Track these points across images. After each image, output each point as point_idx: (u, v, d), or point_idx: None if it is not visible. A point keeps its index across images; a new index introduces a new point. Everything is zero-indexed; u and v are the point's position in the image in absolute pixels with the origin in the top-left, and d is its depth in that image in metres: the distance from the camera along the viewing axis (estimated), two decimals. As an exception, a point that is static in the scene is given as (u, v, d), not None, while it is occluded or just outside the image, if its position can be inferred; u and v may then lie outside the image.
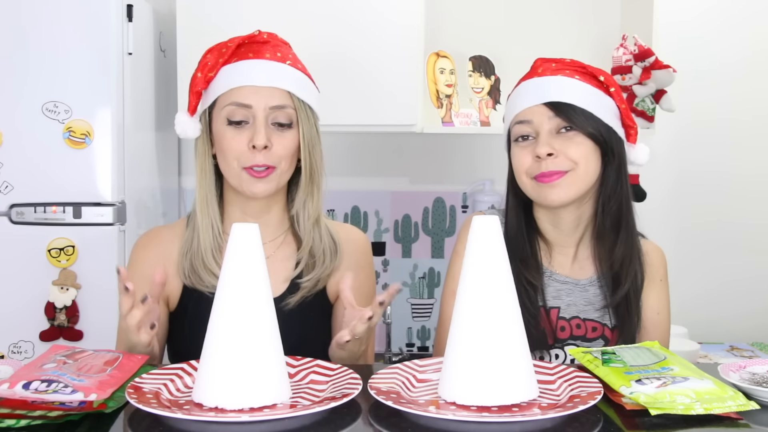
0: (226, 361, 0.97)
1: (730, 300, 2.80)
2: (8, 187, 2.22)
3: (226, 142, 1.30)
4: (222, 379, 0.96)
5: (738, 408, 0.96)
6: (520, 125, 1.38)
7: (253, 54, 1.33)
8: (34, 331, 2.22)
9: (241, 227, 1.00)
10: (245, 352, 0.97)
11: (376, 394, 0.97)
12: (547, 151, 1.33)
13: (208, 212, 1.36)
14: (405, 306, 2.85)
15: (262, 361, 0.98)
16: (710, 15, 2.77)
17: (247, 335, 0.97)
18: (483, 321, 0.98)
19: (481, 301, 0.98)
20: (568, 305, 1.42)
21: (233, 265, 0.99)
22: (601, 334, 1.42)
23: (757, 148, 2.80)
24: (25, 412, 0.93)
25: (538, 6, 2.75)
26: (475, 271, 0.99)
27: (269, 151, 1.29)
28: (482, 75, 2.64)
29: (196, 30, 2.38)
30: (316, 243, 1.38)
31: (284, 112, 1.31)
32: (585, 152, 1.34)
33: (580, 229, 1.43)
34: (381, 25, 2.39)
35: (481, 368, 0.97)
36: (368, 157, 2.84)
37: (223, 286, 0.99)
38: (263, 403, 0.96)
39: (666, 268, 1.50)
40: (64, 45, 2.21)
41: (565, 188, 1.34)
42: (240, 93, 1.30)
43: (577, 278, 1.44)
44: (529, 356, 1.01)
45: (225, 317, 0.98)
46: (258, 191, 1.31)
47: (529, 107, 1.37)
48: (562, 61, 1.40)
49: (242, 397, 0.96)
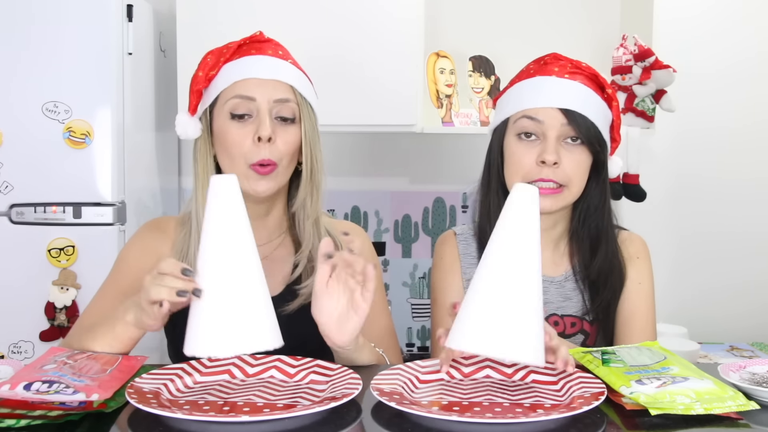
0: (215, 309, 0.97)
1: (730, 300, 2.80)
2: (8, 187, 2.22)
3: (230, 137, 1.29)
4: (213, 328, 0.96)
5: (738, 408, 0.96)
6: (528, 120, 1.34)
7: (255, 51, 1.33)
8: (34, 331, 2.23)
9: (220, 178, 1.01)
10: (233, 298, 0.97)
11: (379, 395, 0.97)
12: (554, 160, 1.31)
13: None
14: (405, 306, 2.85)
15: (251, 307, 0.98)
16: (710, 15, 2.77)
17: (235, 281, 0.98)
18: (505, 279, 0.98)
19: (506, 261, 0.99)
20: (545, 303, 1.41)
21: (215, 215, 1.00)
22: (581, 329, 1.42)
23: (757, 147, 2.80)
24: (25, 411, 0.92)
25: (538, 6, 2.76)
26: (507, 234, 1.00)
27: (273, 146, 1.28)
28: (482, 75, 2.64)
29: (196, 30, 2.38)
30: (315, 244, 1.37)
31: (288, 105, 1.31)
32: (582, 171, 1.34)
33: (557, 229, 1.43)
34: (381, 25, 2.39)
35: (493, 319, 0.97)
36: (368, 157, 2.84)
37: (207, 235, 1.00)
38: (255, 349, 0.97)
39: (646, 251, 1.47)
40: (64, 45, 2.21)
41: (551, 203, 1.33)
42: (244, 86, 1.29)
43: (552, 275, 1.43)
44: (542, 325, 1.01)
45: (211, 266, 0.99)
46: (261, 189, 1.30)
47: (542, 107, 1.33)
48: (578, 64, 1.38)
49: (234, 343, 0.96)
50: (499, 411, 0.95)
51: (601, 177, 1.38)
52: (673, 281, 2.72)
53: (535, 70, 1.39)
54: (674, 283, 2.70)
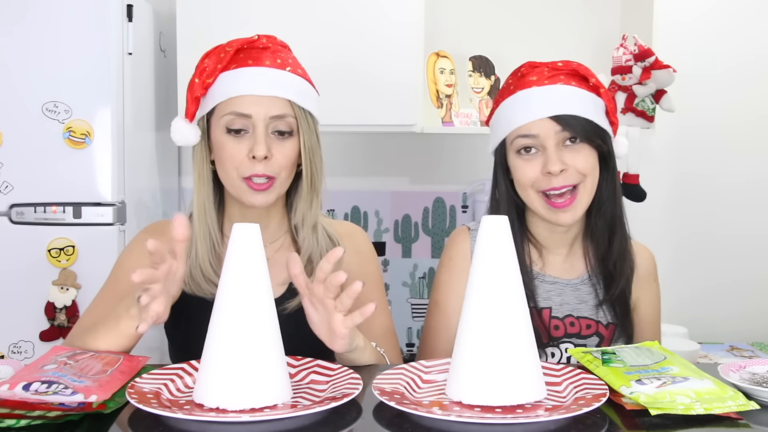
0: (228, 362, 0.97)
1: (730, 300, 2.80)
2: (8, 187, 2.22)
3: (225, 151, 1.29)
4: (223, 380, 0.96)
5: (738, 408, 0.96)
6: (524, 139, 1.34)
7: (253, 61, 1.30)
8: (34, 331, 2.23)
9: (242, 227, 1.00)
10: (246, 352, 0.97)
11: (380, 395, 0.97)
12: (559, 168, 1.31)
13: (206, 220, 1.34)
14: (405, 306, 2.85)
15: (263, 362, 0.97)
16: (710, 15, 2.77)
17: (249, 336, 0.97)
18: (492, 321, 0.98)
19: (489, 301, 0.98)
20: (560, 305, 1.42)
21: (234, 266, 0.99)
22: (596, 331, 1.42)
23: (757, 148, 2.80)
24: (25, 412, 0.92)
25: (538, 6, 2.76)
26: (484, 272, 0.99)
27: (269, 161, 1.28)
28: (482, 75, 2.64)
29: (196, 30, 2.38)
30: (313, 249, 1.37)
31: (284, 121, 1.29)
32: (592, 163, 1.34)
33: (572, 231, 1.43)
34: (381, 25, 2.39)
35: (490, 368, 0.97)
36: (368, 157, 2.84)
37: (224, 286, 0.99)
38: (264, 404, 0.96)
39: (656, 268, 1.51)
40: (64, 45, 2.21)
41: (577, 209, 1.34)
42: (240, 102, 1.28)
43: (567, 278, 1.43)
44: (537, 356, 1.01)
45: (226, 318, 0.98)
46: (257, 203, 1.29)
47: (532, 121, 1.33)
48: (554, 65, 1.37)
49: (243, 397, 0.96)
50: (500, 411, 0.94)
51: (610, 166, 1.38)
52: (673, 281, 2.72)
53: (514, 85, 1.38)
54: (674, 284, 2.69)
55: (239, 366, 0.96)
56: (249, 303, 0.98)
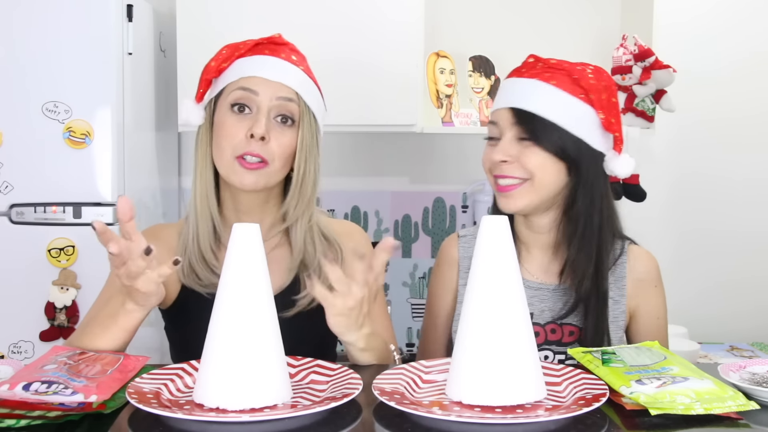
0: (228, 362, 0.97)
1: (730, 300, 2.80)
2: (8, 187, 2.22)
3: (225, 129, 1.30)
4: (223, 380, 0.96)
5: (738, 408, 0.96)
6: (490, 125, 1.38)
7: (269, 51, 1.34)
8: (34, 331, 2.22)
9: (242, 227, 1.00)
10: (246, 352, 0.97)
11: (380, 395, 0.97)
12: (500, 158, 1.32)
13: (207, 204, 1.35)
14: (405, 306, 2.85)
15: (263, 362, 0.97)
16: (710, 15, 2.77)
17: (248, 336, 0.97)
18: (492, 321, 0.98)
19: (490, 301, 0.98)
20: (542, 311, 1.40)
21: (234, 266, 0.99)
22: (578, 338, 1.38)
23: (757, 148, 2.80)
24: (25, 412, 0.92)
25: (538, 6, 2.76)
26: (484, 272, 0.99)
27: (266, 144, 1.29)
28: (482, 75, 2.64)
29: (196, 30, 2.38)
30: (309, 252, 1.37)
31: (289, 105, 1.31)
32: (541, 163, 1.31)
33: (551, 234, 1.40)
34: (381, 25, 2.39)
35: (490, 368, 0.97)
36: (368, 157, 2.84)
37: (225, 286, 0.99)
38: (264, 404, 0.96)
39: (659, 274, 1.46)
40: (64, 45, 2.21)
41: (518, 198, 1.33)
42: (249, 81, 1.31)
43: (548, 283, 1.42)
44: (537, 356, 1.01)
45: (226, 317, 0.98)
46: (247, 182, 1.29)
47: (497, 109, 1.36)
48: (547, 61, 1.36)
49: (243, 397, 0.96)
50: (500, 411, 0.95)
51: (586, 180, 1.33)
52: (672, 281, 2.70)
53: (510, 74, 1.42)
54: (674, 283, 2.68)
55: (239, 366, 0.96)
56: (249, 303, 0.98)
